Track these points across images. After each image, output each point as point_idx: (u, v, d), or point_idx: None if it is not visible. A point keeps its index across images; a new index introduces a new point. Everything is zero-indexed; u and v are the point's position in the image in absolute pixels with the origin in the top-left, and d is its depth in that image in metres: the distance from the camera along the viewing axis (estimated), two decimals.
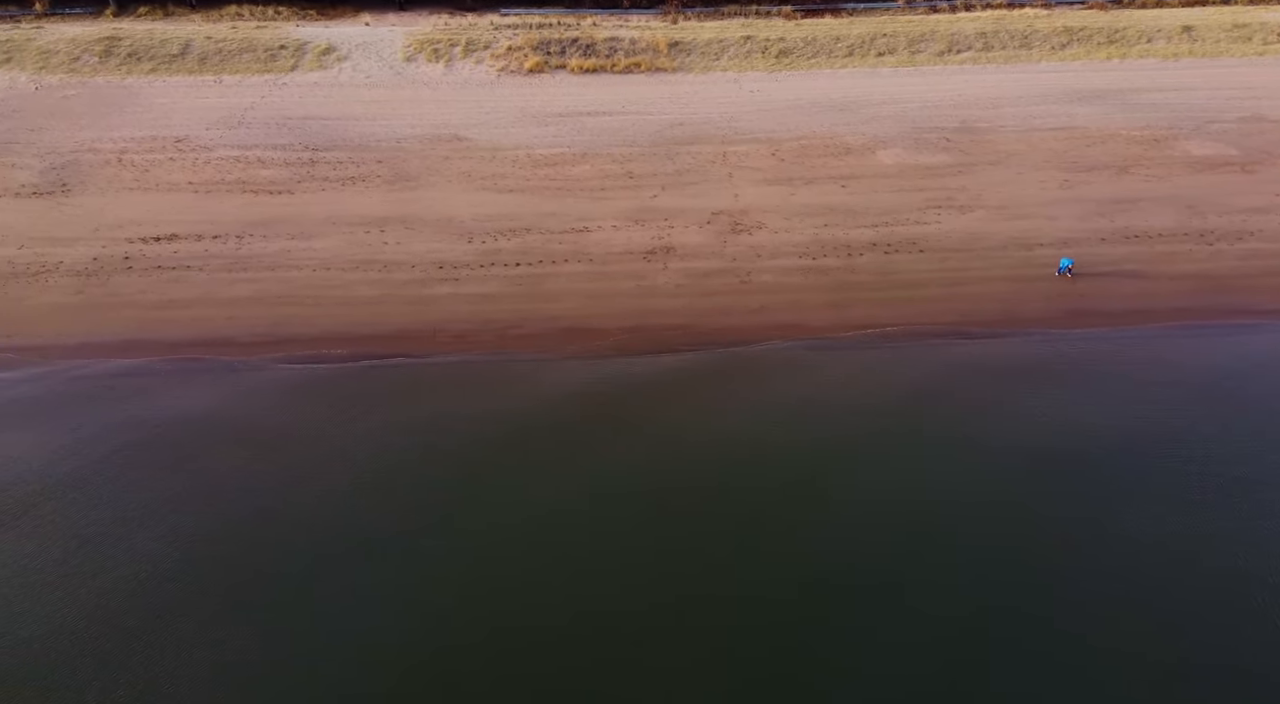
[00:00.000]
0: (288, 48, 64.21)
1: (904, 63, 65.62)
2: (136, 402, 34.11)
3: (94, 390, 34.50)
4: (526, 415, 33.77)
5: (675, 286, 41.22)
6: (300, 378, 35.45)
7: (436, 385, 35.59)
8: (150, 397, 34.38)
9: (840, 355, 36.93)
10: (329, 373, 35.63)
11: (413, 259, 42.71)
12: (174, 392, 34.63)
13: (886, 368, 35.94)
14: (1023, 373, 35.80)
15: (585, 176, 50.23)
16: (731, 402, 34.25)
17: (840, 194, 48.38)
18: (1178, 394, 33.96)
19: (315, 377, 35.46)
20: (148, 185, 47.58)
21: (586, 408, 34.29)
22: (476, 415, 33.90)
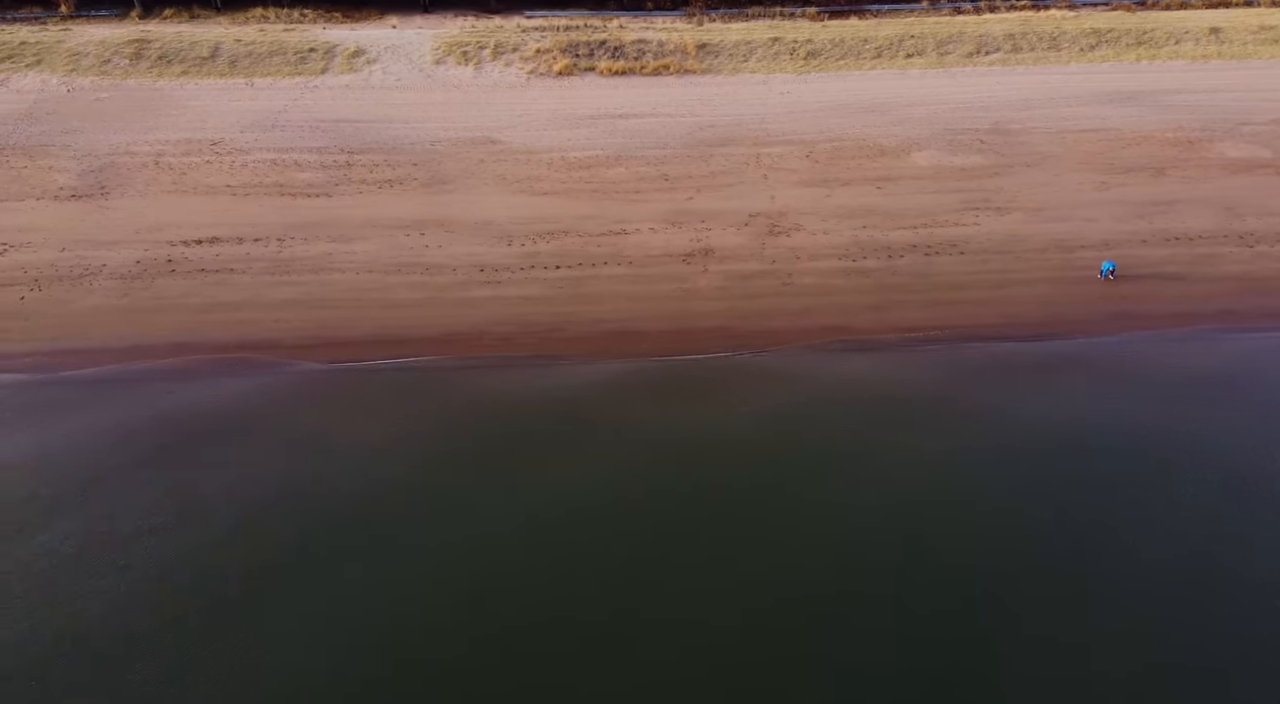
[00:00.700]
0: (317, 51, 64.35)
1: (933, 64, 65.54)
2: (188, 404, 34.25)
3: (145, 392, 34.55)
4: (573, 418, 33.83)
5: (716, 289, 41.26)
6: (349, 380, 35.59)
7: (484, 387, 35.66)
8: (201, 399, 34.52)
9: (887, 358, 36.96)
10: (377, 375, 35.78)
11: (453, 262, 42.76)
12: (226, 394, 34.78)
13: (934, 371, 35.97)
14: (1071, 376, 35.80)
15: (620, 179, 50.28)
16: (780, 405, 34.25)
17: (877, 196, 48.38)
18: (1228, 397, 33.87)
19: (363, 379, 35.61)
20: (186, 188, 47.72)
21: (633, 410, 34.36)
22: (524, 417, 33.94)
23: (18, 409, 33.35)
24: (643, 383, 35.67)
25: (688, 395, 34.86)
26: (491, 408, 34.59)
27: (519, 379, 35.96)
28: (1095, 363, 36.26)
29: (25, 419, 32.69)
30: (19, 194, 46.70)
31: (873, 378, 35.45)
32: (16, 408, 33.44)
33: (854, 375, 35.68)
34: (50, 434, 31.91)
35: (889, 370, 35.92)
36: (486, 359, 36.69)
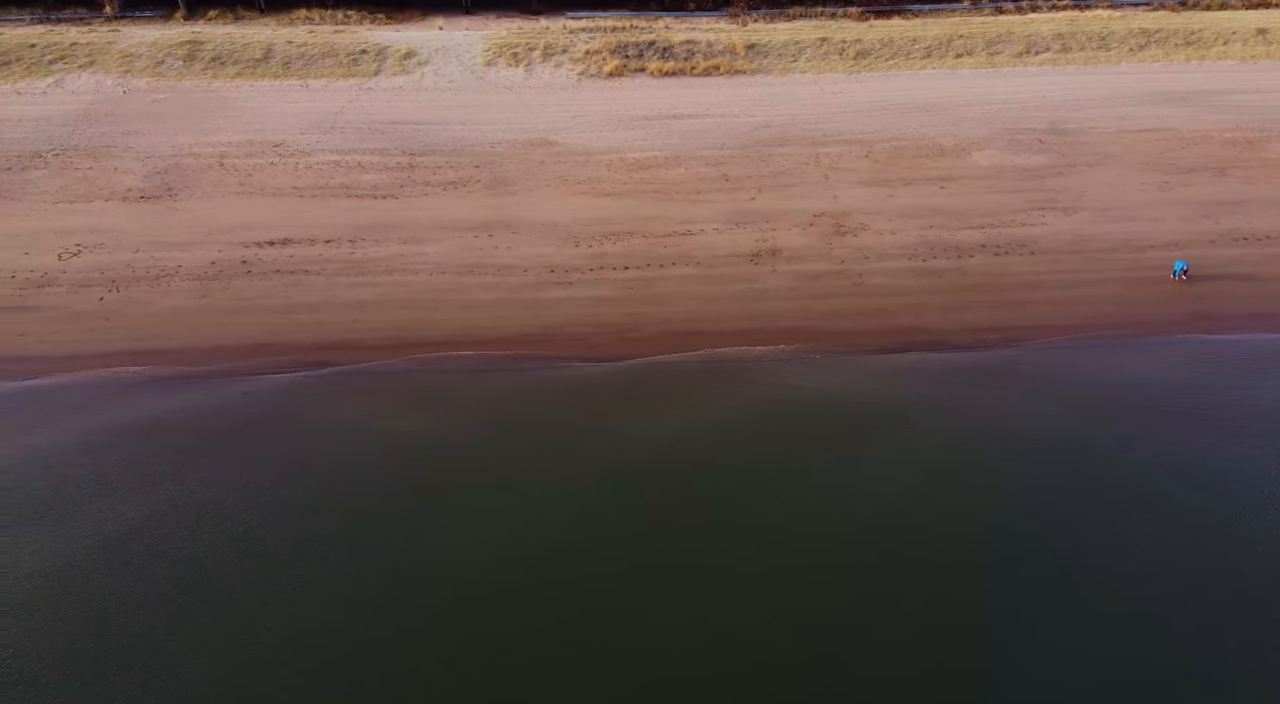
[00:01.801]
0: (369, 52, 64.69)
1: (983, 64, 65.54)
2: (275, 404, 34.45)
3: (233, 393, 34.79)
4: (655, 417, 33.93)
5: (787, 289, 41.37)
6: (434, 380, 35.79)
7: (566, 386, 35.78)
8: (288, 399, 34.72)
9: (969, 359, 36.93)
10: (461, 375, 36.00)
11: (523, 263, 42.98)
12: (312, 395, 35.00)
13: (1018, 371, 35.96)
14: (1155, 377, 35.69)
15: (681, 180, 50.42)
16: (864, 406, 34.27)
17: (940, 195, 48.42)
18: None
19: (448, 379, 35.80)
20: (252, 190, 48.05)
21: (717, 411, 34.37)
22: (606, 416, 34.08)
23: (110, 409, 33.51)
24: (722, 383, 35.68)
25: (768, 396, 34.80)
26: (574, 407, 34.66)
27: (599, 378, 36.06)
28: (1180, 363, 36.14)
29: (119, 419, 32.83)
30: (87, 195, 47.07)
31: (957, 378, 35.36)
32: (109, 408, 33.60)
33: (937, 375, 35.59)
34: (145, 434, 32.03)
35: (974, 372, 35.79)
36: (564, 359, 36.78)
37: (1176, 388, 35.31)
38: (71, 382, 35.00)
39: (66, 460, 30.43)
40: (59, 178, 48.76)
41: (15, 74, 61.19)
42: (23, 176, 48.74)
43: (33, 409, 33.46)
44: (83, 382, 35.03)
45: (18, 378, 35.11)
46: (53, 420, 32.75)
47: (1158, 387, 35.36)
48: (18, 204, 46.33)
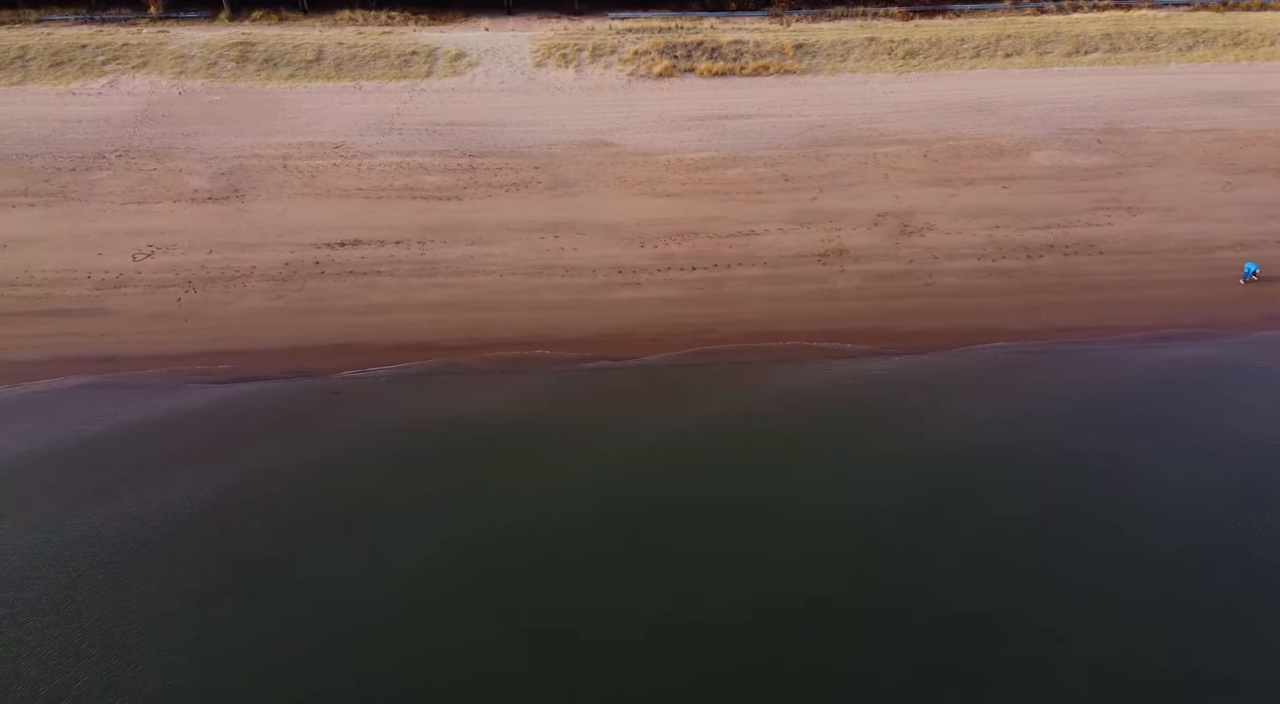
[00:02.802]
0: (419, 54, 64.96)
1: (1032, 64, 65.53)
2: (365, 404, 34.68)
3: (324, 393, 35.05)
4: (740, 417, 34.11)
5: (857, 289, 41.51)
6: (515, 380, 36.02)
7: (648, 387, 35.98)
8: (377, 399, 34.96)
9: (1048, 360, 37.05)
10: (541, 374, 36.19)
11: (591, 264, 43.17)
12: (399, 394, 35.23)
13: (1101, 372, 36.04)
14: (1230, 377, 35.68)
15: (740, 180, 50.57)
16: (947, 407, 34.36)
17: (1003, 195, 48.48)
18: None
19: (529, 379, 36.06)
20: (318, 191, 48.33)
21: (796, 411, 34.54)
22: (688, 416, 34.21)
23: (202, 410, 33.81)
24: (804, 383, 35.81)
25: (854, 397, 34.93)
26: (656, 405, 34.85)
27: (678, 379, 36.17)
28: (1260, 364, 36.07)
29: (214, 419, 33.13)
30: (155, 196, 47.43)
31: (1037, 378, 35.44)
32: (201, 409, 33.90)
33: (1018, 375, 35.67)
34: (248, 434, 32.36)
35: (1056, 372, 35.90)
36: (640, 360, 36.93)
37: (1252, 388, 35.23)
38: (160, 382, 35.15)
39: (175, 462, 30.66)
40: (124, 179, 49.08)
41: (69, 74, 61.60)
42: (88, 178, 49.10)
43: (125, 409, 33.68)
44: (170, 383, 35.21)
45: (105, 378, 35.26)
46: (148, 421, 32.97)
47: (1234, 386, 35.32)
48: (86, 205, 46.68)
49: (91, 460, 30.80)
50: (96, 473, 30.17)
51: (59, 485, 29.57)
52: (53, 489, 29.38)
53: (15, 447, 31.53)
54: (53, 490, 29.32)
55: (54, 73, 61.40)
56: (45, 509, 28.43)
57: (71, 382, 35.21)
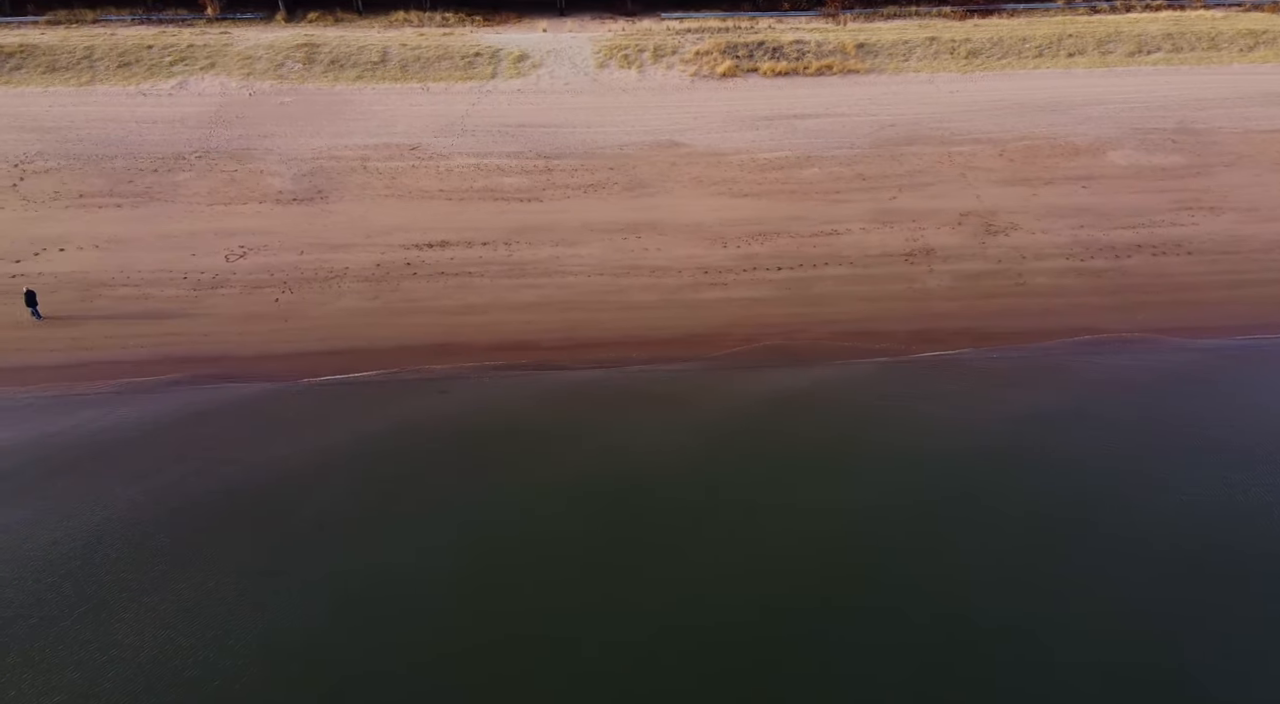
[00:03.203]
0: (483, 55, 65.23)
1: (1095, 64, 65.40)
2: (472, 403, 34.93)
3: (430, 392, 35.32)
4: (845, 418, 34.31)
5: (948, 289, 41.57)
6: (613, 380, 36.18)
7: (741, 387, 36.08)
8: (484, 399, 35.24)
9: (1149, 359, 36.96)
10: (638, 374, 36.37)
11: (676, 264, 43.36)
12: (503, 394, 35.52)
13: (1205, 372, 35.93)
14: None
15: (816, 179, 50.66)
16: (1059, 407, 34.35)
17: (1083, 195, 48.46)
18: None
19: (626, 378, 36.25)
20: (400, 193, 48.62)
21: (902, 412, 34.60)
22: (790, 417, 34.39)
23: (318, 410, 34.11)
24: (907, 383, 35.91)
25: (959, 397, 34.99)
26: (753, 408, 34.94)
27: (775, 379, 36.34)
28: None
29: (334, 419, 33.42)
30: (240, 197, 47.78)
31: (1148, 378, 35.47)
32: (313, 408, 34.22)
33: (1130, 376, 35.72)
34: (368, 434, 32.65)
35: (1161, 369, 35.92)
36: (734, 360, 37.10)
37: None
38: (271, 382, 35.52)
39: (303, 463, 30.96)
40: (207, 180, 49.49)
41: (137, 75, 62.07)
42: (171, 179, 49.53)
43: (241, 409, 33.98)
44: (280, 382, 35.55)
45: (216, 380, 35.61)
46: (267, 420, 33.29)
47: None
48: (172, 206, 47.10)
49: (219, 456, 31.08)
50: (226, 467, 30.51)
51: (191, 477, 29.87)
52: (184, 482, 29.67)
53: (137, 442, 31.78)
54: (184, 483, 29.62)
55: (122, 73, 61.82)
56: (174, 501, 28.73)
57: (182, 381, 35.30)
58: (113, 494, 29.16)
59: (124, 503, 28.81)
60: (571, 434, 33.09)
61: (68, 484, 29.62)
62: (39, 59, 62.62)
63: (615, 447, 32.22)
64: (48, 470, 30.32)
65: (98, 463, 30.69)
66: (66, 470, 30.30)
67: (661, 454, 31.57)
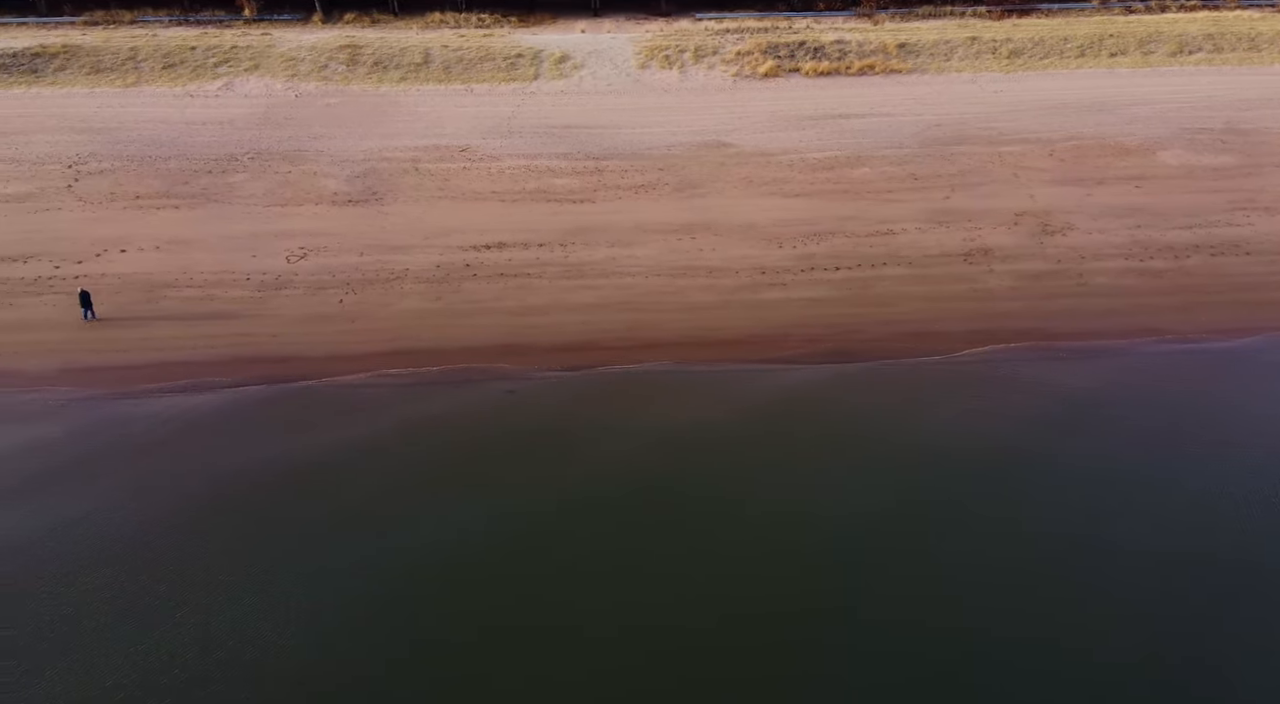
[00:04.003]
0: (524, 56, 65.44)
1: (1138, 64, 65.38)
2: (542, 403, 35.09)
3: (498, 392, 35.49)
4: (919, 421, 34.32)
5: (1010, 289, 41.60)
6: (680, 381, 36.32)
7: (814, 387, 36.16)
8: (553, 398, 35.40)
9: (1215, 359, 36.88)
10: (705, 376, 36.56)
11: (733, 264, 43.45)
12: (573, 393, 35.65)
13: None
14: None
15: (868, 179, 50.70)
16: (1134, 407, 34.37)
17: (1137, 195, 48.45)
18: None
19: (693, 379, 36.39)
20: (453, 194, 48.81)
21: (975, 414, 34.62)
22: (864, 417, 34.49)
23: (394, 409, 34.29)
24: (975, 383, 35.91)
25: (1031, 397, 35.03)
26: (824, 409, 35.03)
27: (843, 380, 36.38)
28: None
29: (409, 418, 33.62)
30: (296, 199, 48.03)
31: (1217, 377, 35.46)
32: (389, 408, 34.39)
33: (1198, 375, 35.73)
34: (440, 434, 32.91)
35: (1230, 369, 35.87)
36: (799, 360, 37.15)
37: None
38: (343, 382, 35.67)
39: (380, 463, 31.20)
40: (262, 181, 49.74)
41: (183, 76, 62.41)
42: (226, 180, 49.79)
43: (318, 410, 34.20)
44: (353, 382, 35.71)
45: (290, 380, 35.82)
46: (343, 423, 33.44)
47: None
48: (229, 207, 47.35)
49: (304, 456, 31.34)
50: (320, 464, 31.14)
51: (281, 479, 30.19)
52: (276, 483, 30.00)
53: (219, 445, 32.03)
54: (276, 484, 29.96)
55: (167, 74, 62.19)
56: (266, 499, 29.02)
57: (254, 381, 35.52)
58: (208, 488, 29.92)
59: (218, 495, 29.55)
60: (637, 433, 33.33)
61: (157, 481, 29.96)
62: (83, 59, 62.99)
63: (680, 446, 32.54)
64: (136, 468, 30.67)
65: (183, 461, 31.19)
66: (155, 468, 30.74)
67: (733, 455, 31.92)
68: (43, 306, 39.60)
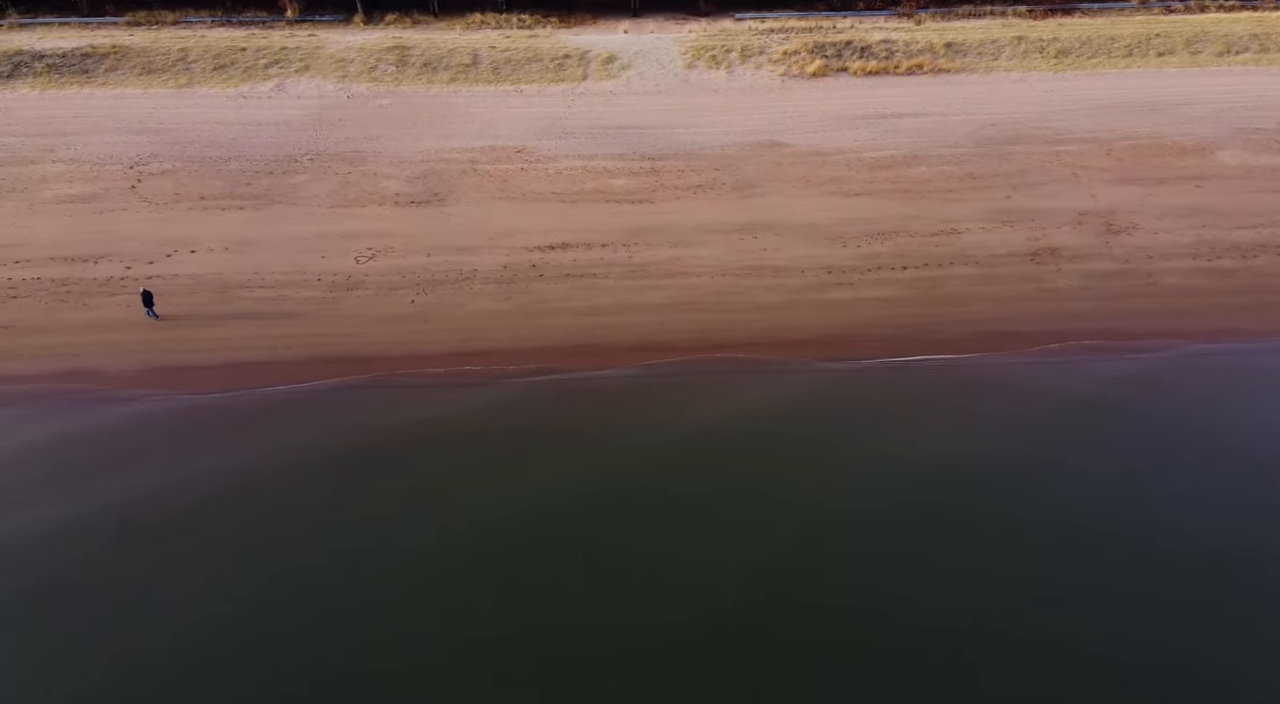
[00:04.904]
0: (572, 57, 65.52)
1: (1186, 64, 65.14)
2: (617, 401, 35.27)
3: (571, 393, 35.65)
4: (1007, 423, 34.29)
5: (1079, 289, 41.55)
6: (759, 382, 36.54)
7: (897, 392, 36.18)
8: (631, 396, 35.60)
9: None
10: (782, 376, 36.74)
11: (798, 264, 43.47)
12: (649, 392, 35.86)
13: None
14: None
15: (927, 179, 50.67)
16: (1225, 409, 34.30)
17: (1198, 195, 48.30)
18: None
19: (771, 380, 36.59)
20: (513, 195, 48.91)
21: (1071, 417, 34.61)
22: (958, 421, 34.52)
23: (477, 409, 34.49)
24: (1058, 387, 35.92)
25: (1118, 400, 35.04)
26: (912, 412, 35.10)
27: (926, 379, 36.37)
28: None
29: (490, 418, 33.81)
30: (359, 200, 48.19)
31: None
32: (475, 408, 34.59)
33: None
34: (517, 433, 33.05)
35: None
36: (877, 360, 37.27)
37: None
38: (426, 382, 35.85)
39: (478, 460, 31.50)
40: (323, 182, 49.92)
41: (235, 78, 62.64)
42: (288, 181, 49.99)
43: (405, 409, 34.34)
44: (436, 382, 35.92)
45: (370, 379, 36.00)
46: (428, 420, 33.66)
47: None
48: (293, 208, 47.54)
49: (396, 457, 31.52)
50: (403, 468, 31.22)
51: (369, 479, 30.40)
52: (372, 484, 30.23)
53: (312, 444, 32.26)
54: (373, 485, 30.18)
55: (219, 76, 62.43)
56: None
57: (340, 382, 35.68)
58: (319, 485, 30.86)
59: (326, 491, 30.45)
60: (723, 431, 33.80)
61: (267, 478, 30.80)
62: (133, 60, 63.26)
63: (784, 444, 32.99)
64: (238, 466, 31.21)
65: (284, 455, 32.09)
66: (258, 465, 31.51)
67: (838, 455, 32.14)
68: (117, 307, 39.77)
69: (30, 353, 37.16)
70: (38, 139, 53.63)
